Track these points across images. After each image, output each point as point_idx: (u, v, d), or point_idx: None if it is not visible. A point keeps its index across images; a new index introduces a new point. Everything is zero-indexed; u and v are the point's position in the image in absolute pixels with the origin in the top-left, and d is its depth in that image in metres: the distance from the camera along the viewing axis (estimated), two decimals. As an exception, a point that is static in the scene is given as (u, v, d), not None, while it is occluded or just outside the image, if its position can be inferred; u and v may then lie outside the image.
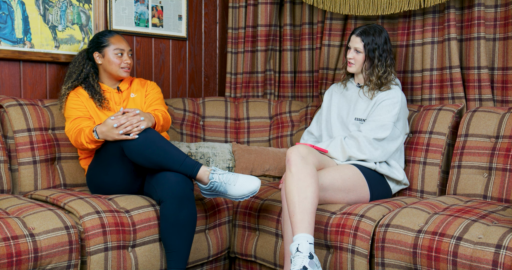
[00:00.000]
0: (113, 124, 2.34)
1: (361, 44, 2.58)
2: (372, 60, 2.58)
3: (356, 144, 2.52)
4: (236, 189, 2.32)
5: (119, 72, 2.66)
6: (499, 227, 1.99)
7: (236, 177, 2.33)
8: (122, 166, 2.44)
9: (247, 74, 3.48)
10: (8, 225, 2.02)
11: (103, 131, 2.38)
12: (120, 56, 2.64)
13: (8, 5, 2.73)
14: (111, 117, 2.37)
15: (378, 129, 2.50)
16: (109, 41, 2.65)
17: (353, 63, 2.62)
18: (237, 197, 2.35)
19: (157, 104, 2.70)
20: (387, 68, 2.59)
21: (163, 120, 2.58)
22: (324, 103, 2.80)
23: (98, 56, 2.66)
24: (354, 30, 2.63)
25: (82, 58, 2.72)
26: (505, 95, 2.71)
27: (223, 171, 2.35)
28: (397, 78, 2.67)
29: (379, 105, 2.54)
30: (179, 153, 2.36)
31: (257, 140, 3.27)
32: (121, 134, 2.34)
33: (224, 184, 2.32)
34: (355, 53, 2.61)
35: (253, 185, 2.33)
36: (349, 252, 2.25)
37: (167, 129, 2.68)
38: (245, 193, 2.33)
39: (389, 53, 2.61)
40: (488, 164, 2.51)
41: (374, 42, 2.57)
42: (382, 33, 2.60)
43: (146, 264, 2.34)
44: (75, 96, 2.62)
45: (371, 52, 2.57)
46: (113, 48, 2.64)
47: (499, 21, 2.72)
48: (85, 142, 2.44)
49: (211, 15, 3.67)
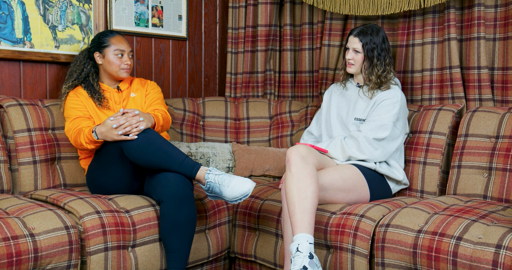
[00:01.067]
0: (112, 125, 2.33)
1: (359, 44, 2.58)
2: (371, 59, 2.58)
3: (356, 144, 2.52)
4: (229, 190, 2.29)
5: (119, 73, 2.66)
6: (499, 227, 1.99)
7: (230, 179, 2.30)
8: (121, 166, 2.44)
9: (247, 74, 3.48)
10: (8, 225, 2.02)
11: (102, 131, 2.37)
12: (120, 57, 2.64)
13: (8, 5, 2.73)
14: (110, 118, 2.36)
15: (378, 129, 2.50)
16: (110, 41, 2.65)
17: (353, 63, 2.62)
18: (230, 199, 2.31)
19: (157, 104, 2.70)
20: (386, 67, 2.60)
21: (163, 120, 2.57)
22: (323, 103, 2.80)
23: (99, 56, 2.66)
24: (352, 31, 2.63)
25: (83, 57, 2.72)
26: (505, 95, 2.71)
27: (219, 172, 2.34)
28: (396, 78, 2.67)
29: (379, 105, 2.54)
30: (178, 154, 2.35)
31: (257, 140, 3.26)
32: (120, 134, 2.33)
33: (219, 185, 2.31)
34: (354, 53, 2.61)
35: (245, 187, 2.28)
36: (349, 252, 2.25)
37: (167, 129, 2.67)
38: (237, 196, 2.29)
39: (388, 52, 2.62)
40: (488, 164, 2.51)
41: (372, 41, 2.57)
42: (380, 32, 2.60)
43: (146, 264, 2.34)
44: (75, 95, 2.62)
45: (369, 52, 2.57)
46: (114, 49, 2.64)
47: (499, 21, 2.71)
48: (85, 142, 2.44)
49: (211, 15, 3.67)
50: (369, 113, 2.57)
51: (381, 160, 2.53)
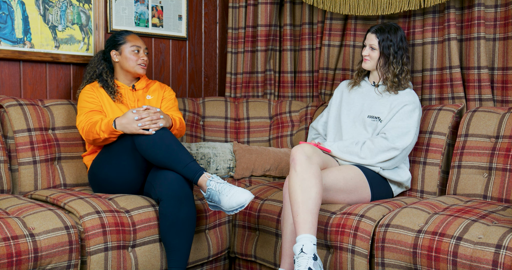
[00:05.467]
0: (134, 117, 2.38)
1: (375, 41, 2.58)
2: (387, 57, 2.58)
3: (371, 151, 2.52)
4: (227, 200, 2.27)
5: (136, 69, 2.70)
6: (499, 227, 1.99)
7: (230, 188, 2.29)
8: (130, 160, 2.46)
9: (247, 74, 3.48)
10: (8, 225, 2.02)
11: (122, 123, 2.41)
12: (136, 53, 2.69)
13: (8, 5, 2.73)
14: (133, 110, 2.41)
15: (404, 135, 2.50)
16: (126, 39, 2.71)
17: (368, 59, 2.62)
18: (227, 209, 2.29)
19: (173, 110, 2.76)
20: (404, 66, 2.59)
21: (179, 124, 2.63)
22: (333, 100, 2.79)
23: (115, 54, 2.70)
24: (370, 28, 2.63)
25: (98, 59, 2.77)
26: (505, 95, 2.71)
27: (221, 181, 2.33)
28: (410, 81, 2.67)
29: (401, 110, 2.53)
30: (185, 156, 2.37)
31: (257, 140, 3.26)
32: (140, 127, 2.37)
33: (219, 193, 2.30)
34: (370, 50, 2.61)
35: (241, 198, 2.25)
36: (349, 252, 2.25)
37: (182, 134, 2.72)
38: (234, 206, 2.27)
39: (405, 51, 2.61)
40: (488, 164, 2.51)
41: (389, 39, 2.57)
42: (398, 31, 2.60)
43: (146, 264, 2.34)
44: (91, 89, 2.66)
45: (385, 49, 2.57)
46: (130, 45, 2.69)
47: (499, 21, 2.72)
48: (102, 131, 2.46)
49: (211, 15, 3.67)
50: (386, 116, 2.55)
51: (391, 168, 2.55)
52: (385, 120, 2.55)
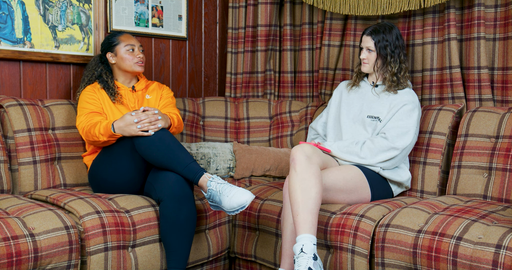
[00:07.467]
0: (133, 120, 2.38)
1: (372, 43, 2.58)
2: (385, 57, 2.58)
3: (371, 150, 2.52)
4: (228, 200, 2.27)
5: (134, 67, 2.71)
6: (499, 227, 1.99)
7: (231, 189, 2.29)
8: (130, 161, 2.46)
9: (247, 74, 3.48)
10: (8, 225, 2.02)
11: (120, 126, 2.41)
12: (131, 52, 2.70)
13: (8, 5, 2.73)
14: (131, 113, 2.41)
15: (403, 135, 2.50)
16: (119, 39, 2.72)
17: (367, 62, 2.62)
18: (228, 209, 2.29)
19: (171, 107, 2.76)
20: (402, 64, 2.59)
21: (177, 122, 2.64)
22: (333, 101, 2.79)
23: (112, 56, 2.71)
24: (365, 30, 2.63)
25: (95, 63, 2.78)
26: (505, 95, 2.71)
27: (222, 181, 2.33)
28: (409, 81, 2.67)
29: (400, 109, 2.53)
30: (186, 157, 2.37)
31: (257, 140, 3.26)
32: (139, 129, 2.38)
33: (219, 194, 2.30)
34: (367, 52, 2.61)
35: (242, 199, 2.25)
36: (349, 252, 2.25)
37: (180, 131, 2.73)
38: (235, 206, 2.27)
39: (402, 48, 2.61)
40: (488, 164, 2.51)
41: (385, 39, 2.57)
42: (393, 29, 2.60)
43: (146, 264, 2.34)
44: (92, 90, 2.66)
45: (382, 50, 2.57)
46: (124, 45, 2.70)
47: (499, 21, 2.71)
48: (100, 134, 2.46)
49: (211, 15, 3.67)
50: (386, 115, 2.56)
51: (391, 168, 2.55)
52: (384, 120, 2.55)
